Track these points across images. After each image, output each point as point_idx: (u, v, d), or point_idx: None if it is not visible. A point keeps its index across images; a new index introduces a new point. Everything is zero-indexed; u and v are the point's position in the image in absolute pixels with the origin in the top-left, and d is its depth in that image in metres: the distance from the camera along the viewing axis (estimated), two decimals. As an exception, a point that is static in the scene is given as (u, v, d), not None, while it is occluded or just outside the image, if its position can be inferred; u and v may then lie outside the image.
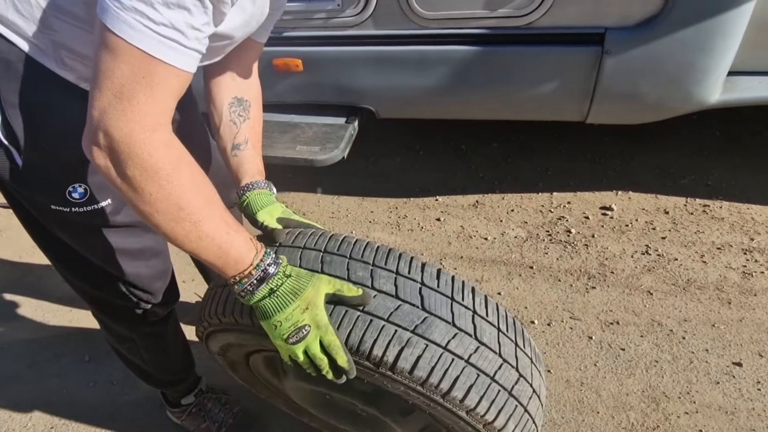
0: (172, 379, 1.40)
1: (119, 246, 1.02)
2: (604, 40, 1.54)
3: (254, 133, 1.05)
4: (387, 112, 1.95)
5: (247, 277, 0.75)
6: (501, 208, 2.13)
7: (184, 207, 0.69)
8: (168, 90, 0.67)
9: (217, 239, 0.72)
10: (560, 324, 1.66)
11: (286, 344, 0.76)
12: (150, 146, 0.66)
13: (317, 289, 0.77)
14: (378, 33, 1.71)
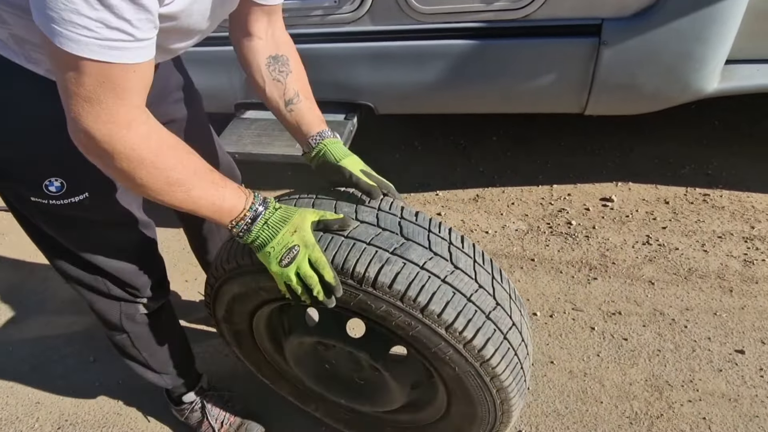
0: (171, 376, 1.39)
1: (102, 240, 1.05)
2: (601, 31, 1.54)
3: (302, 85, 1.06)
4: (386, 108, 1.95)
5: (242, 219, 0.85)
6: (501, 201, 2.13)
7: (174, 182, 0.77)
8: (131, 85, 0.70)
9: (210, 198, 0.82)
10: (562, 315, 1.67)
11: (281, 268, 0.85)
12: (130, 142, 0.71)
13: (303, 217, 0.88)
14: (375, 29, 1.72)
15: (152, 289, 1.18)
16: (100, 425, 1.59)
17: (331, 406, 1.38)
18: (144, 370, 1.35)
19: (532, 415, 1.43)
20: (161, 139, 0.76)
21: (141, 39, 0.67)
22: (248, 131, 1.97)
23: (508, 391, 0.94)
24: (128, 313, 1.19)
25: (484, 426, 1.05)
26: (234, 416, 1.48)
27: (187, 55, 1.97)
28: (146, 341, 1.27)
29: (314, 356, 1.21)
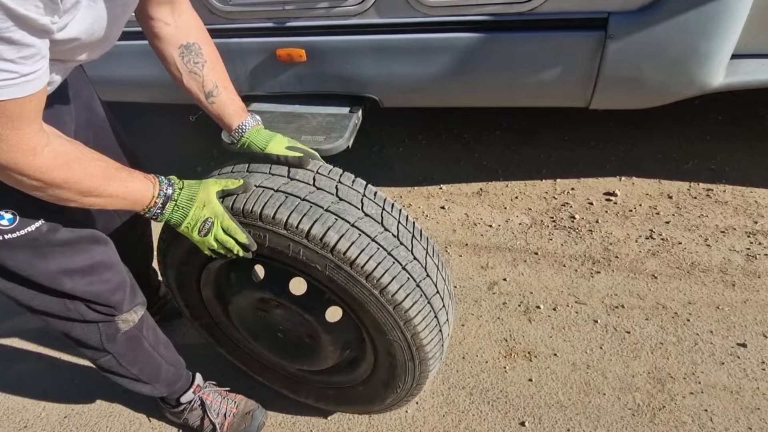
0: (163, 384, 1.37)
1: (69, 266, 1.02)
2: (607, 25, 1.54)
3: (219, 74, 1.08)
4: (390, 101, 1.95)
5: (154, 206, 0.94)
6: (505, 195, 2.14)
7: (86, 191, 0.84)
8: (26, 116, 0.72)
9: (121, 195, 0.89)
10: (566, 308, 1.68)
11: (200, 237, 0.97)
12: (38, 166, 0.76)
13: (207, 190, 0.97)
14: (381, 21, 1.72)
15: (128, 305, 1.16)
16: (107, 414, 1.60)
17: (273, 358, 1.42)
18: (136, 384, 1.32)
19: (535, 406, 1.44)
20: (67, 156, 0.81)
21: (28, 74, 0.69)
22: (253, 124, 1.97)
23: (423, 340, 1.06)
24: (108, 333, 1.16)
25: (402, 386, 1.19)
26: (236, 407, 1.47)
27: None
28: (132, 357, 1.25)
29: (256, 315, 1.29)
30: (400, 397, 1.25)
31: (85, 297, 1.07)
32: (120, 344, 1.20)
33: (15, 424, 1.63)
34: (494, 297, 1.75)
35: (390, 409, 1.34)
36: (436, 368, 1.18)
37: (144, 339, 1.26)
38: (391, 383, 1.21)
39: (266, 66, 1.94)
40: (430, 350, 1.09)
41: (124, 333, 1.18)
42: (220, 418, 1.45)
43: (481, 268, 1.86)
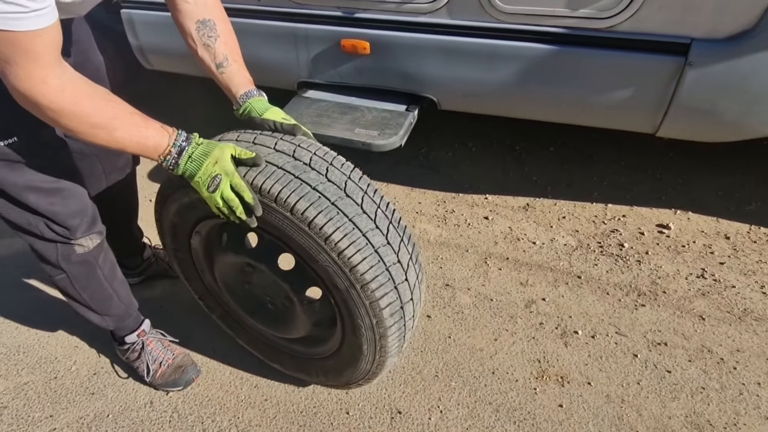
0: (113, 318, 1.49)
1: (34, 184, 1.14)
2: (689, 51, 1.48)
3: (230, 48, 1.17)
4: (449, 104, 1.93)
5: (168, 154, 1.00)
6: (552, 213, 2.09)
7: (95, 125, 0.92)
8: (38, 48, 0.82)
9: (134, 137, 0.96)
10: (605, 338, 1.62)
11: (209, 193, 1.01)
12: (47, 96, 0.85)
13: (222, 150, 1.01)
14: (451, 22, 1.69)
15: (84, 231, 1.28)
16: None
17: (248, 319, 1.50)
18: (86, 311, 1.44)
19: (563, 434, 1.40)
20: (77, 90, 0.90)
21: (37, 9, 0.79)
22: (309, 110, 1.98)
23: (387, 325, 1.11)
24: (64, 253, 1.28)
25: (364, 364, 1.25)
26: (172, 358, 1.58)
27: (255, 28, 1.99)
28: (84, 281, 1.36)
29: (239, 277, 1.38)
30: (361, 374, 1.31)
31: (46, 214, 1.18)
32: (74, 265, 1.32)
33: (46, 373, 1.67)
34: (531, 316, 1.71)
35: (354, 385, 1.39)
36: (396, 347, 1.22)
37: (98, 268, 1.37)
38: (355, 359, 1.27)
39: (329, 55, 1.94)
40: (390, 324, 1.13)
41: (78, 255, 1.30)
42: (155, 365, 1.57)
43: (520, 284, 1.82)
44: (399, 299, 1.10)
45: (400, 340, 1.18)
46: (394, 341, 1.16)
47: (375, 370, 1.27)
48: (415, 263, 1.15)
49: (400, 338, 1.17)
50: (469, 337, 1.66)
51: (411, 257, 1.12)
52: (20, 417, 1.55)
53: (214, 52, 1.15)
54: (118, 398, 1.58)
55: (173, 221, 1.31)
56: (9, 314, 1.85)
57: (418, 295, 1.17)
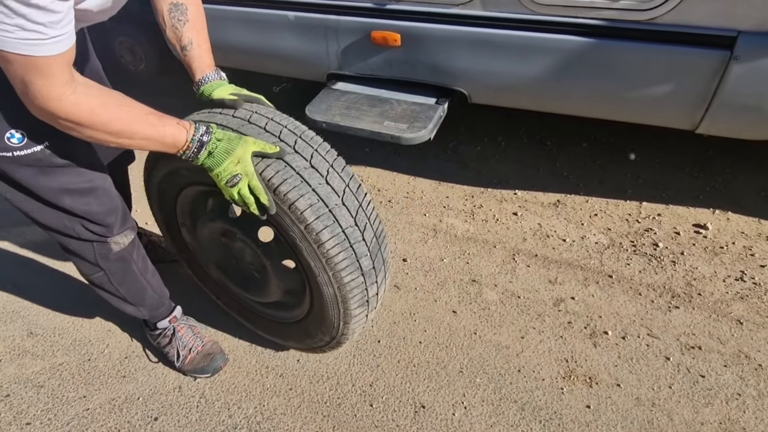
0: (147, 308, 1.54)
1: (68, 186, 1.17)
2: (735, 45, 1.42)
3: (196, 33, 1.22)
4: (480, 98, 1.90)
5: (188, 149, 1.05)
6: (584, 210, 2.04)
7: (115, 132, 0.97)
8: (54, 70, 0.87)
9: (153, 137, 1.01)
10: (636, 339, 1.58)
11: (227, 187, 1.07)
12: (65, 111, 0.91)
13: (245, 148, 1.06)
14: (485, 14, 1.66)
15: (119, 228, 1.32)
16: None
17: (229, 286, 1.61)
18: (122, 303, 1.49)
19: (590, 435, 1.37)
20: (90, 101, 0.94)
21: (56, 36, 0.84)
22: (338, 102, 1.98)
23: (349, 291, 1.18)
24: (102, 252, 1.32)
25: (320, 341, 1.37)
26: (202, 346, 1.62)
27: (285, 20, 2.00)
28: (121, 277, 1.41)
29: (217, 238, 1.45)
30: (314, 346, 1.43)
31: (82, 215, 1.22)
32: (111, 263, 1.36)
33: (80, 355, 1.72)
34: (559, 314, 1.68)
35: (320, 348, 1.47)
36: (360, 321, 1.30)
37: (133, 262, 1.42)
38: (320, 326, 1.35)
39: (359, 46, 1.93)
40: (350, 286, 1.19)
41: (115, 253, 1.34)
42: (185, 350, 1.61)
43: (548, 282, 1.78)
44: (354, 255, 1.15)
45: (362, 306, 1.24)
46: (356, 304, 1.23)
47: (341, 337, 1.35)
48: (373, 220, 1.22)
49: (362, 301, 1.23)
50: (495, 334, 1.64)
51: (361, 205, 1.18)
52: (55, 396, 1.60)
53: (181, 35, 1.21)
54: (148, 382, 1.62)
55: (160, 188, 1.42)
56: (45, 298, 1.92)
57: (376, 246, 1.22)
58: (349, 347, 1.65)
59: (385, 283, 1.29)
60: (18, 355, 1.74)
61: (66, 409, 1.57)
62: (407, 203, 2.19)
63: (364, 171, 2.40)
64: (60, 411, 1.57)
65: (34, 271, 2.02)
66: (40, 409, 1.57)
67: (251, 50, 2.17)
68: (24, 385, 1.64)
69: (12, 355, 1.74)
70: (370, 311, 1.29)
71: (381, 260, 1.23)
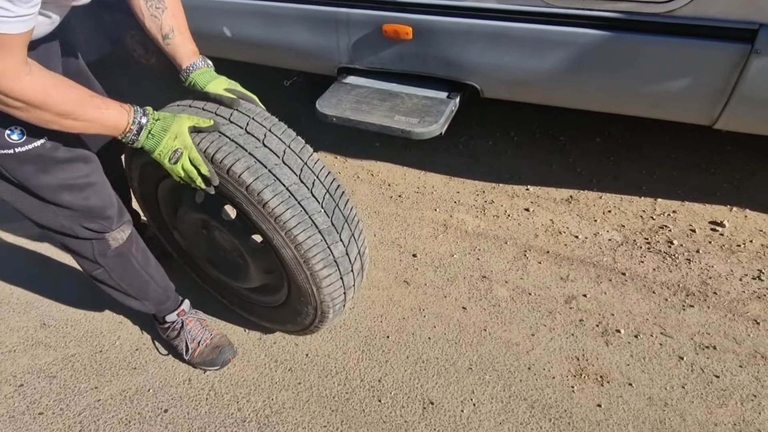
0: (151, 302, 1.54)
1: (67, 182, 1.18)
2: (756, 38, 1.38)
3: (176, 20, 1.22)
4: (492, 92, 1.87)
5: (129, 132, 1.07)
6: (597, 207, 2.01)
7: (63, 113, 0.98)
8: (15, 48, 0.87)
9: (97, 120, 1.03)
10: (649, 338, 1.56)
11: (170, 164, 1.10)
12: (21, 91, 0.91)
13: (180, 124, 1.09)
14: (499, 7, 1.64)
15: (117, 221, 1.33)
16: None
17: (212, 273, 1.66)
18: (126, 298, 1.49)
19: (601, 435, 1.36)
20: (45, 82, 0.94)
21: (22, 15, 0.83)
22: (348, 96, 1.96)
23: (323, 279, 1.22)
24: (100, 249, 1.33)
25: (308, 315, 1.37)
26: (210, 339, 1.62)
27: (295, 12, 1.98)
28: (121, 272, 1.41)
29: (199, 230, 1.52)
30: (306, 323, 1.44)
31: (82, 211, 1.22)
32: (110, 259, 1.36)
33: (92, 347, 1.74)
34: (571, 312, 1.66)
35: (312, 326, 1.47)
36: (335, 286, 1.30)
37: (132, 257, 1.42)
38: (299, 297, 1.36)
39: (370, 40, 1.91)
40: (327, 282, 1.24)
41: (114, 249, 1.35)
42: (193, 343, 1.61)
43: (560, 279, 1.76)
44: (304, 212, 1.17)
45: (330, 267, 1.23)
46: (320, 265, 1.22)
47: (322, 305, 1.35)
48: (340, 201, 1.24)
49: (327, 262, 1.22)
50: (505, 331, 1.63)
51: (306, 164, 1.19)
52: (67, 387, 1.62)
53: (161, 23, 1.20)
54: (158, 374, 1.63)
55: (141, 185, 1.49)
56: (58, 289, 1.94)
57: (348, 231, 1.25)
58: (357, 342, 1.64)
59: (356, 244, 1.28)
60: (31, 346, 1.76)
61: (78, 400, 1.58)
62: (418, 198, 2.17)
63: (375, 165, 2.39)
64: (72, 401, 1.58)
65: (47, 263, 2.04)
66: (52, 399, 1.59)
67: (261, 43, 2.17)
68: (37, 376, 1.66)
69: (25, 346, 1.76)
70: (344, 274, 1.26)
71: (341, 217, 1.22)
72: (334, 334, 1.68)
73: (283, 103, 2.83)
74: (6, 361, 1.72)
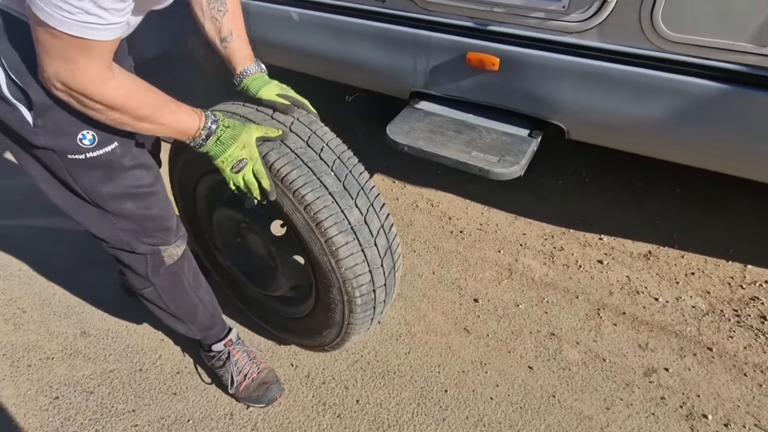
0: (198, 327, 1.48)
1: (131, 190, 1.15)
2: None
3: (236, 24, 1.22)
4: (579, 134, 1.73)
5: (198, 137, 1.07)
6: (679, 267, 1.85)
7: (140, 117, 0.98)
8: (102, 54, 0.87)
9: (170, 124, 1.03)
10: (741, 429, 1.39)
11: (232, 173, 1.10)
12: (103, 94, 0.90)
13: (249, 134, 1.10)
14: (602, 46, 1.50)
15: (176, 232, 1.30)
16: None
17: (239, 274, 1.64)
18: (172, 320, 1.44)
19: None
20: (126, 86, 0.95)
21: (113, 23, 0.84)
22: (421, 124, 1.85)
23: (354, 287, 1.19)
24: (154, 265, 1.29)
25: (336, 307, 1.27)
26: (257, 373, 1.54)
27: (372, 30, 1.88)
28: (172, 292, 1.37)
29: (232, 230, 1.50)
30: (331, 338, 1.39)
31: (143, 220, 1.19)
32: (162, 277, 1.32)
33: (132, 363, 1.66)
34: (651, 387, 1.50)
35: (325, 347, 1.45)
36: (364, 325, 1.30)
37: (184, 277, 1.38)
38: (322, 328, 1.36)
39: (451, 66, 1.79)
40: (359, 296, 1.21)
41: (167, 267, 1.30)
42: (239, 376, 1.53)
43: (638, 347, 1.61)
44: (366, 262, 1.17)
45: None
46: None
47: (339, 341, 1.36)
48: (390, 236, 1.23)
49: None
50: (576, 401, 1.48)
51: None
52: (104, 406, 1.54)
53: (220, 26, 1.20)
54: (199, 403, 1.54)
55: (180, 177, 1.47)
56: (101, 297, 1.87)
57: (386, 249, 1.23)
58: (413, 393, 1.52)
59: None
60: (69, 355, 1.69)
61: (114, 422, 1.50)
62: (480, 236, 2.04)
63: (435, 195, 2.26)
64: (108, 423, 1.50)
65: (92, 267, 1.98)
66: (87, 417, 1.52)
67: (332, 59, 2.07)
68: (74, 389, 1.59)
69: (64, 354, 1.69)
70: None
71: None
72: (387, 380, 1.57)
73: (344, 118, 2.74)
74: (43, 369, 1.65)
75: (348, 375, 1.59)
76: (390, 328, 1.72)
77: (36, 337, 1.75)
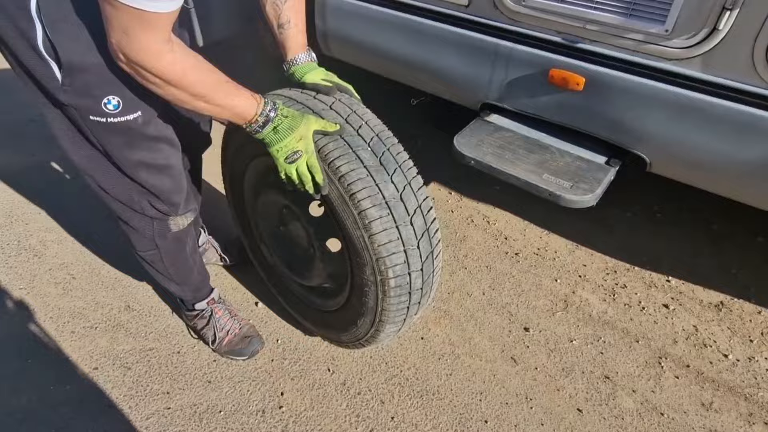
0: (190, 288, 1.55)
1: (147, 161, 1.18)
2: None
3: (295, 12, 1.23)
4: (663, 169, 1.61)
5: (254, 122, 1.06)
6: (754, 324, 1.69)
7: (196, 95, 0.97)
8: (160, 25, 0.87)
9: (227, 105, 1.02)
10: None
11: (285, 163, 1.09)
12: (159, 68, 0.91)
13: (308, 126, 1.08)
14: (705, 77, 1.37)
15: (184, 208, 1.34)
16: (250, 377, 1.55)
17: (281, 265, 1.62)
18: (167, 282, 1.50)
19: None
20: (185, 63, 0.94)
21: None
22: (490, 138, 1.76)
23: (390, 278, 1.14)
24: (160, 230, 1.34)
25: (369, 289, 1.22)
26: (239, 328, 1.63)
27: (451, 36, 1.81)
28: (173, 257, 1.43)
29: (276, 217, 1.49)
30: (365, 329, 1.34)
31: (153, 190, 1.23)
32: (167, 242, 1.38)
33: (171, 345, 1.66)
34: (713, 453, 1.38)
35: (360, 340, 1.40)
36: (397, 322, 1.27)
37: (186, 244, 1.44)
38: (356, 317, 1.32)
39: (531, 82, 1.70)
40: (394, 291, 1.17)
41: (173, 233, 1.36)
42: (222, 332, 1.61)
43: (701, 405, 1.48)
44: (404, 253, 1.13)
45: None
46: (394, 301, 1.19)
47: (374, 333, 1.31)
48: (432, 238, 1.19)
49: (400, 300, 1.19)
50: (627, 455, 1.37)
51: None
52: (140, 384, 1.54)
53: (280, 12, 1.21)
54: (232, 395, 1.52)
55: (232, 163, 1.48)
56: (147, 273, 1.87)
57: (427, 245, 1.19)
58: (450, 419, 1.45)
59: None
60: (112, 327, 1.71)
61: (147, 402, 1.50)
62: (537, 261, 1.94)
63: (492, 212, 2.17)
64: (141, 401, 1.50)
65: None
66: (123, 393, 1.52)
67: (404, 61, 2.01)
68: (113, 362, 1.60)
69: (107, 326, 1.71)
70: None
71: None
72: (425, 401, 1.50)
73: (404, 122, 2.68)
74: (86, 337, 1.67)
75: (385, 389, 1.53)
76: (433, 345, 1.65)
77: (82, 305, 1.77)
